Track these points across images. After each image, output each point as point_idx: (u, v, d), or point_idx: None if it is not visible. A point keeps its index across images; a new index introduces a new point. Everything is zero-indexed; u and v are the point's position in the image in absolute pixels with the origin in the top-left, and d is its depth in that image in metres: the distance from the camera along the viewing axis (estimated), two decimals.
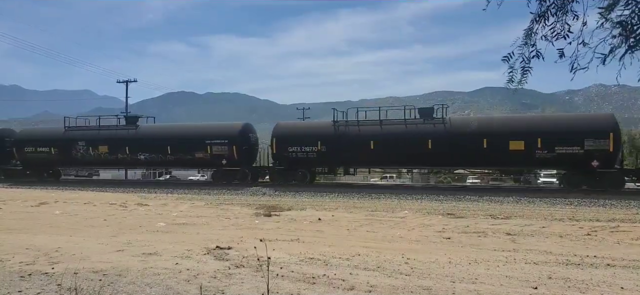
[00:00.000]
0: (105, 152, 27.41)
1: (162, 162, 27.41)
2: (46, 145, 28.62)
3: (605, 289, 5.57)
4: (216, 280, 5.70)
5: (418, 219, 12.79)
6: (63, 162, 29.93)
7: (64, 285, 5.33)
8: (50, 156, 28.67)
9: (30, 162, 29.41)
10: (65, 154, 28.35)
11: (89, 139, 27.92)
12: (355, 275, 6.08)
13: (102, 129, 28.09)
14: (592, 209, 15.36)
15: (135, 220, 12.28)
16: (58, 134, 28.83)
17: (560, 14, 3.70)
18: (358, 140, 22.80)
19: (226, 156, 25.12)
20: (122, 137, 27.38)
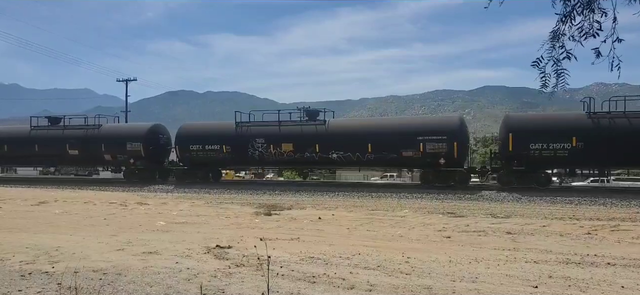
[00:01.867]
0: (290, 150, 23.84)
1: (358, 161, 23.42)
2: (216, 143, 25.10)
3: (606, 288, 5.57)
4: (216, 280, 5.69)
5: (418, 218, 12.79)
6: (236, 162, 26.43)
7: (64, 284, 5.33)
8: (221, 155, 25.13)
9: (195, 162, 25.87)
10: (239, 153, 24.85)
11: (269, 136, 24.38)
12: (356, 274, 6.08)
13: (283, 125, 24.65)
14: (592, 208, 15.36)
15: (135, 220, 12.29)
16: (229, 131, 25.42)
17: (587, 12, 3.62)
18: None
19: (444, 155, 21.38)
20: (310, 133, 23.83)
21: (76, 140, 27.40)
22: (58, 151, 27.53)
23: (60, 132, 28.10)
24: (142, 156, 26.18)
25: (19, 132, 29.49)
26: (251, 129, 24.90)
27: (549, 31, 3.77)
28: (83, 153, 27.46)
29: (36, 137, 28.41)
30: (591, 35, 3.59)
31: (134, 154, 26.30)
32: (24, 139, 28.51)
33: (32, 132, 28.63)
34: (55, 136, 28.11)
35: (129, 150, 26.33)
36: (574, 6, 3.65)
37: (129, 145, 26.39)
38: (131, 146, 26.34)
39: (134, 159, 26.34)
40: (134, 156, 26.34)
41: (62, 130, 28.23)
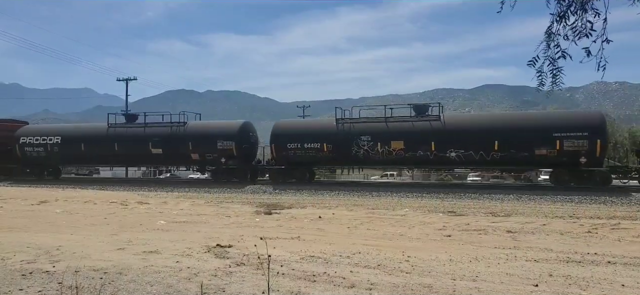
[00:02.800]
0: (400, 149, 21.87)
1: (481, 161, 21.18)
2: (316, 141, 23.16)
3: (606, 287, 5.57)
4: (217, 279, 5.70)
5: (418, 217, 12.79)
6: (337, 161, 24.30)
7: (65, 283, 5.34)
8: (320, 154, 23.17)
9: (293, 161, 23.92)
10: (342, 151, 22.88)
11: (375, 133, 22.38)
12: (356, 273, 6.08)
13: (390, 121, 22.66)
14: (592, 207, 15.35)
15: (135, 219, 12.29)
16: (330, 128, 23.49)
17: (580, 13, 3.65)
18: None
19: (585, 153, 19.41)
20: (423, 130, 21.71)
21: (160, 138, 25.57)
22: (140, 150, 25.86)
23: (141, 130, 26.30)
24: (234, 155, 24.37)
25: (96, 130, 27.75)
26: (355, 125, 22.94)
27: (544, 31, 3.81)
28: (167, 152, 25.65)
29: (115, 135, 26.57)
30: (585, 35, 3.64)
31: (226, 153, 24.42)
32: (102, 137, 26.68)
33: (110, 130, 26.85)
34: (136, 135, 26.29)
35: (219, 148, 24.48)
36: (568, 6, 3.68)
37: (220, 143, 24.46)
38: (222, 144, 24.45)
39: (225, 158, 24.43)
40: (225, 155, 24.43)
41: (143, 128, 26.36)
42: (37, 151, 27.97)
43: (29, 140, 28.11)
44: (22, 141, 28.19)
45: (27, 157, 28.27)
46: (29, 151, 28.12)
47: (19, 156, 28.35)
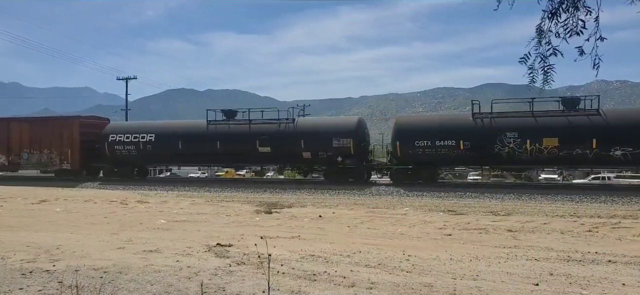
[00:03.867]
0: (553, 146, 19.41)
1: None
2: (451, 138, 20.83)
3: (607, 286, 5.56)
4: (217, 278, 5.69)
5: (419, 216, 12.79)
6: (475, 160, 21.88)
7: (65, 282, 5.33)
8: (455, 153, 20.80)
9: (421, 160, 21.54)
10: (482, 149, 20.51)
11: (524, 129, 20.02)
12: (356, 272, 6.08)
13: (539, 115, 20.31)
14: (593, 206, 15.34)
15: (135, 218, 12.29)
16: (466, 123, 21.17)
17: (572, 10, 3.63)
18: None
19: None
20: (582, 125, 19.37)
21: (268, 136, 23.49)
22: (245, 149, 23.75)
23: (246, 128, 24.17)
24: (352, 154, 22.45)
25: (195, 127, 25.44)
26: (497, 121, 20.57)
27: (535, 26, 3.81)
28: (276, 150, 23.46)
29: (217, 132, 24.35)
30: (576, 33, 3.62)
31: (343, 151, 22.44)
32: (202, 135, 24.43)
33: (211, 127, 24.53)
34: (242, 132, 24.11)
35: (335, 147, 22.43)
36: (560, 3, 3.67)
37: (336, 141, 22.43)
38: (339, 142, 22.44)
39: (342, 156, 22.49)
40: (342, 154, 22.47)
41: (248, 125, 24.24)
42: (128, 150, 25.55)
43: (119, 138, 25.64)
44: (112, 139, 25.64)
45: (116, 156, 25.84)
46: (119, 150, 25.62)
47: (107, 155, 25.99)
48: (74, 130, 25.96)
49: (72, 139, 25.86)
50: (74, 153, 25.95)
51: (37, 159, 26.56)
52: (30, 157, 26.61)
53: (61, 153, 26.00)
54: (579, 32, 3.61)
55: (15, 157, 26.82)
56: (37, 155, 26.46)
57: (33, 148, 26.54)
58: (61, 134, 26.06)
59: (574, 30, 3.64)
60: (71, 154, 25.97)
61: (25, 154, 26.68)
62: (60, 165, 26.10)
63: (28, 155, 26.62)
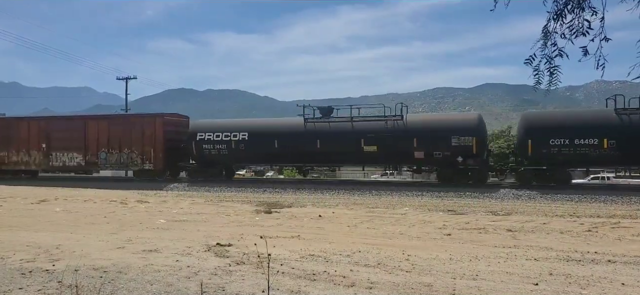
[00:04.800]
0: None
1: None
2: (592, 136, 18.54)
3: (606, 285, 5.57)
4: (217, 277, 5.70)
5: (418, 216, 12.79)
6: (623, 162, 19.69)
7: (65, 282, 5.34)
8: (597, 153, 18.57)
9: (556, 160, 19.49)
10: (632, 149, 18.23)
11: None
12: (356, 271, 6.08)
13: None
14: (593, 205, 15.35)
15: (135, 218, 12.29)
16: (611, 119, 18.87)
17: (578, 11, 3.63)
18: None
19: None
20: None
21: (374, 134, 21.55)
22: (349, 148, 21.93)
23: (348, 125, 22.22)
24: (474, 153, 20.36)
25: (292, 125, 23.55)
26: None
27: (541, 28, 3.81)
28: (383, 150, 21.49)
29: (316, 130, 22.43)
30: (582, 34, 3.62)
31: (463, 151, 20.36)
32: (300, 133, 22.61)
33: (309, 125, 22.63)
34: (344, 130, 22.17)
35: (454, 146, 20.36)
36: (565, 4, 3.67)
37: (455, 139, 20.39)
38: (458, 141, 20.39)
39: (463, 156, 20.44)
40: (462, 153, 20.42)
41: (350, 123, 22.26)
42: (217, 149, 23.67)
43: (208, 137, 23.75)
44: (200, 137, 23.81)
45: (204, 155, 24.04)
46: (208, 149, 23.75)
47: (194, 155, 24.36)
48: (157, 128, 24.49)
49: (155, 137, 24.35)
50: (157, 152, 24.44)
51: (116, 159, 25.10)
52: (108, 157, 25.15)
53: (143, 152, 24.55)
54: (584, 33, 3.61)
55: (92, 157, 25.40)
56: (116, 155, 25.02)
57: (112, 147, 25.13)
58: (142, 132, 24.65)
59: (579, 31, 3.63)
60: (154, 153, 24.44)
61: (103, 153, 25.22)
62: (141, 165, 24.71)
63: (106, 155, 25.16)
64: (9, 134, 26.67)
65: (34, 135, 26.14)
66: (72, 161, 25.82)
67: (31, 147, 26.17)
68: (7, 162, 26.48)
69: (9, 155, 26.50)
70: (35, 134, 26.14)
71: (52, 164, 26.10)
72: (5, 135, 26.67)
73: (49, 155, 25.93)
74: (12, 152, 26.48)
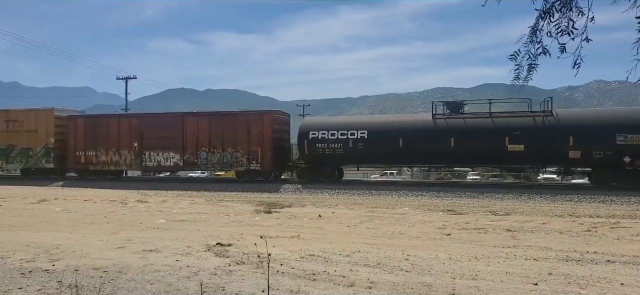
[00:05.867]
0: None
1: None
2: None
3: (605, 285, 5.58)
4: (216, 277, 5.70)
5: (418, 216, 12.80)
6: None
7: (65, 282, 5.34)
8: None
9: None
10: None
11: None
12: (356, 271, 6.09)
13: None
14: (592, 205, 15.37)
15: (135, 217, 12.29)
16: None
17: (564, 10, 3.68)
18: None
19: None
20: None
21: (521, 131, 19.45)
22: (489, 147, 19.81)
23: (488, 122, 20.17)
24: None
25: (420, 122, 21.66)
26: None
27: (529, 26, 3.87)
28: (531, 149, 19.26)
29: (450, 128, 20.39)
30: (567, 33, 3.67)
31: (633, 150, 18.19)
32: (430, 130, 20.62)
33: (440, 122, 20.63)
34: (482, 127, 20.14)
35: (620, 144, 18.16)
36: (553, 3, 3.71)
37: (621, 137, 18.14)
38: (625, 139, 18.13)
39: (631, 157, 18.22)
40: (630, 153, 18.18)
41: (490, 119, 20.25)
42: (332, 148, 21.80)
43: (322, 135, 21.98)
44: (312, 136, 22.02)
45: (317, 155, 22.09)
46: (322, 148, 21.87)
47: (306, 154, 22.45)
48: (264, 126, 22.80)
49: (262, 135, 22.68)
50: (264, 152, 22.70)
51: (218, 159, 23.24)
52: (209, 157, 23.31)
53: (248, 152, 22.83)
54: (570, 32, 3.66)
55: (192, 157, 23.55)
56: (218, 154, 23.17)
57: (214, 146, 23.25)
58: (248, 130, 22.90)
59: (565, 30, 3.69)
60: (261, 152, 22.72)
61: (203, 153, 23.39)
62: (247, 165, 22.93)
63: (207, 154, 23.32)
64: (97, 132, 24.73)
65: (125, 133, 24.35)
66: (168, 161, 23.97)
67: (122, 146, 24.35)
68: (95, 163, 24.69)
69: (97, 155, 24.63)
70: (126, 132, 24.34)
71: (145, 164, 24.33)
72: (93, 133, 24.75)
73: (141, 154, 24.10)
74: (100, 152, 24.61)
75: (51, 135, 25.32)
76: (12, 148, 25.98)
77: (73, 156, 24.92)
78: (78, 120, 25.29)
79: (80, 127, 24.92)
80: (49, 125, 25.39)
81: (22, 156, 25.88)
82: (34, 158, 25.74)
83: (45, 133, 25.37)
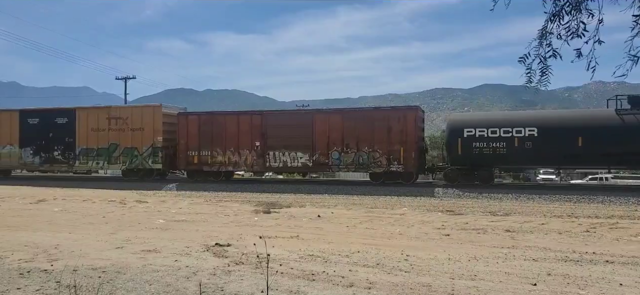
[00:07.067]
0: None
1: None
2: None
3: (604, 286, 5.58)
4: (215, 277, 5.70)
5: (417, 216, 12.80)
6: None
7: (63, 282, 5.33)
8: None
9: None
10: None
11: None
12: (355, 272, 6.09)
13: None
14: (591, 206, 15.38)
15: (134, 217, 12.28)
16: None
17: (574, 13, 3.67)
18: None
19: None
20: None
21: None
22: None
23: None
24: None
25: (601, 119, 18.99)
26: None
27: (538, 29, 3.86)
28: None
29: None
30: (578, 35, 3.66)
31: None
32: (615, 128, 18.22)
33: (628, 118, 18.25)
34: None
35: None
36: (562, 6, 3.71)
37: None
38: None
39: None
40: None
41: None
42: (492, 147, 19.45)
43: (480, 133, 19.63)
44: (468, 134, 19.75)
45: (472, 155, 19.71)
46: (478, 148, 19.55)
47: (459, 154, 20.09)
48: (408, 124, 20.83)
49: (406, 134, 20.72)
50: (408, 152, 20.65)
51: (353, 159, 21.26)
52: (343, 157, 21.35)
53: (389, 152, 20.80)
54: (580, 35, 3.65)
55: (322, 157, 21.61)
56: (353, 154, 21.20)
57: (347, 146, 21.32)
58: (389, 127, 20.82)
59: (575, 32, 3.67)
60: (404, 153, 20.69)
61: (335, 153, 21.43)
62: (387, 166, 20.85)
63: (340, 154, 21.36)
64: (213, 131, 22.76)
65: (245, 131, 22.41)
66: (295, 161, 22.03)
67: (241, 145, 22.38)
68: (210, 163, 22.76)
69: (213, 154, 22.70)
70: (247, 131, 22.39)
71: (269, 164, 22.34)
72: (208, 132, 22.76)
73: (264, 154, 22.17)
74: (217, 152, 22.68)
75: (159, 133, 23.33)
76: (114, 147, 24.13)
77: (185, 156, 23.00)
78: (190, 118, 23.40)
79: (192, 125, 22.96)
80: (156, 123, 23.44)
81: (126, 156, 23.96)
82: (139, 158, 23.77)
83: (152, 131, 23.42)
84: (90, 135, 24.42)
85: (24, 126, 25.57)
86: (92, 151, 24.53)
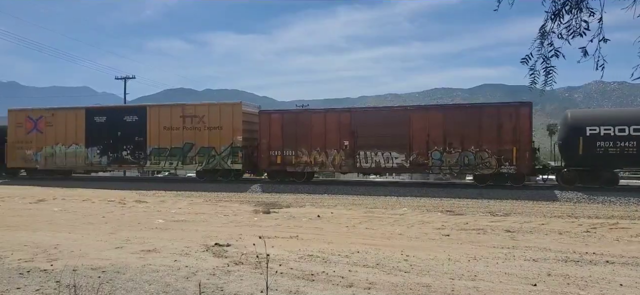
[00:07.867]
0: None
1: None
2: None
3: (604, 286, 5.58)
4: (215, 277, 5.69)
5: (417, 216, 12.80)
6: None
7: (63, 282, 5.33)
8: None
9: None
10: None
11: None
12: (355, 272, 6.08)
13: None
14: (591, 206, 15.37)
15: (133, 217, 12.28)
16: None
17: (575, 11, 3.65)
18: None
19: None
20: None
21: None
22: None
23: None
24: None
25: None
26: None
27: (538, 29, 3.83)
28: None
29: None
30: (579, 34, 3.63)
31: None
32: None
33: None
34: None
35: None
36: (563, 4, 3.68)
37: None
38: None
39: None
40: None
41: None
42: (620, 147, 17.65)
43: (606, 131, 17.84)
44: (591, 132, 17.91)
45: (595, 155, 17.87)
46: (603, 147, 17.75)
47: (580, 154, 18.12)
48: (520, 121, 18.80)
49: (518, 132, 18.81)
50: (521, 152, 18.87)
51: (457, 160, 19.57)
52: (445, 157, 19.69)
53: (499, 152, 19.04)
54: (582, 34, 3.63)
55: (420, 157, 20.00)
56: (456, 154, 19.54)
57: (450, 145, 19.62)
58: (499, 125, 19.04)
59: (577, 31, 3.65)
60: (517, 153, 18.90)
61: (436, 153, 19.83)
62: (497, 167, 19.08)
63: (442, 154, 19.74)
64: (297, 130, 21.55)
65: (333, 130, 21.18)
66: (390, 162, 20.56)
67: (329, 145, 21.15)
68: (294, 163, 21.59)
69: (297, 154, 21.50)
70: (335, 129, 21.16)
71: (359, 164, 21.01)
72: (292, 131, 21.56)
73: (354, 154, 20.86)
74: (301, 152, 21.48)
75: (239, 132, 22.24)
76: (189, 147, 22.93)
77: (267, 156, 21.83)
78: (273, 116, 22.20)
79: (275, 124, 21.82)
80: (235, 122, 22.32)
81: (203, 156, 22.77)
82: (217, 158, 22.59)
83: (231, 130, 22.33)
84: (162, 133, 23.21)
85: (90, 125, 24.40)
86: (164, 151, 23.31)
